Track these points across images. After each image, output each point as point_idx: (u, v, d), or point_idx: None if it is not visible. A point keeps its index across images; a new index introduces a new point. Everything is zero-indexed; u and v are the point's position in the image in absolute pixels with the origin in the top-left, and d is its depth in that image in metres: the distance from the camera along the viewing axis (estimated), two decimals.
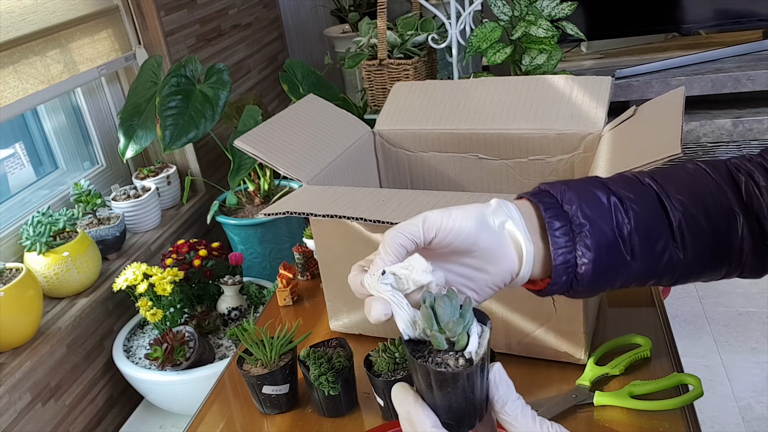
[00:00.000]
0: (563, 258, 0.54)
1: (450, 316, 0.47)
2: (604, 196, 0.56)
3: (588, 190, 0.56)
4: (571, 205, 0.55)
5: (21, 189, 1.85)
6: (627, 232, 0.55)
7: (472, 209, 0.53)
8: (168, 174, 2.07)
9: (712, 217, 0.57)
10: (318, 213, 0.79)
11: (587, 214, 0.54)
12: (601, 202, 0.55)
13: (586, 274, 0.54)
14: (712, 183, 0.58)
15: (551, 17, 1.89)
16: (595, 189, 0.56)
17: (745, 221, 0.58)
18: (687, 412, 0.73)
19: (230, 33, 2.50)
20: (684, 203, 0.57)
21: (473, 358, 0.46)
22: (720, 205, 0.57)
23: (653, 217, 0.56)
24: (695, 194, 0.57)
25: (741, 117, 2.13)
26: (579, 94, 0.99)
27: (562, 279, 0.55)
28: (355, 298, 0.94)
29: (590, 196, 0.55)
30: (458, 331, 0.47)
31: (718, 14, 2.35)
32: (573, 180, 0.58)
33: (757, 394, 1.73)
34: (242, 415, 0.86)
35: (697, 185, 0.58)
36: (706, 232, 0.57)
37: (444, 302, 0.48)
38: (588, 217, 0.54)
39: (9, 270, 1.47)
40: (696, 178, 0.59)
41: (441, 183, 1.10)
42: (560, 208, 0.55)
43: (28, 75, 1.64)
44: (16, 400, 1.41)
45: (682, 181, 0.58)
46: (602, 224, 0.54)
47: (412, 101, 1.10)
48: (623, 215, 0.55)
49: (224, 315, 1.69)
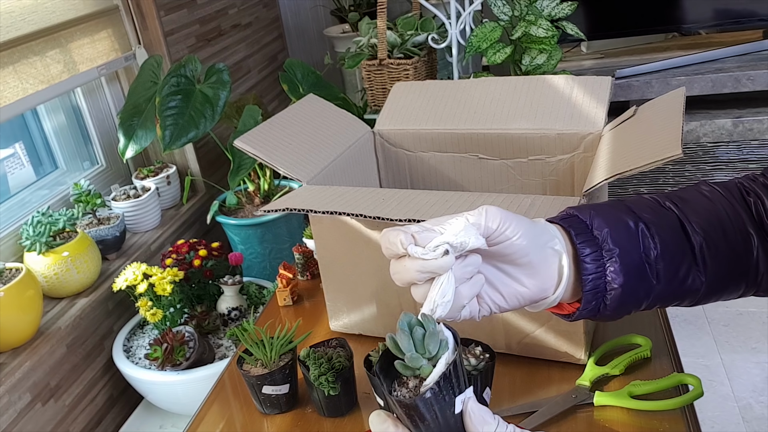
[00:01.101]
0: (593, 284, 0.55)
1: (410, 349, 0.48)
2: (632, 222, 0.56)
3: (616, 215, 0.57)
4: (601, 230, 0.55)
5: (21, 189, 1.85)
6: (654, 257, 0.56)
7: (525, 219, 0.53)
8: (168, 174, 2.07)
9: (731, 240, 0.58)
10: (317, 210, 0.79)
11: (617, 240, 0.55)
12: (629, 227, 0.56)
13: (614, 299, 0.55)
14: (728, 206, 0.60)
15: (551, 17, 1.89)
16: (622, 214, 0.57)
17: (760, 242, 0.59)
18: (687, 412, 0.73)
19: (230, 33, 2.50)
20: (704, 227, 0.58)
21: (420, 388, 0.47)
22: (737, 227, 0.59)
23: (676, 241, 0.57)
24: (714, 218, 0.59)
25: (741, 117, 2.13)
26: (579, 94, 0.99)
27: (591, 304, 0.56)
28: (355, 299, 0.94)
29: (618, 222, 0.56)
30: (420, 363, 0.47)
31: (718, 14, 2.35)
32: (598, 204, 0.59)
33: (757, 394, 1.73)
34: (242, 415, 0.86)
35: (714, 209, 0.59)
36: (725, 254, 0.58)
37: (403, 336, 0.48)
38: (618, 243, 0.55)
39: (9, 270, 1.47)
40: (713, 201, 0.60)
41: (441, 183, 1.10)
42: (590, 233, 0.56)
43: (28, 75, 1.64)
44: (16, 400, 1.41)
45: (700, 205, 0.59)
46: (631, 249, 0.55)
47: (412, 101, 1.10)
48: (650, 240, 0.56)
49: (224, 315, 1.69)
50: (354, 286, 0.92)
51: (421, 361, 0.47)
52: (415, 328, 0.48)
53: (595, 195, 0.81)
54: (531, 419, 0.74)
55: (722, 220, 0.59)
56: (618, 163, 0.74)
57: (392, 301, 0.90)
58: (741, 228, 0.59)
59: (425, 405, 0.46)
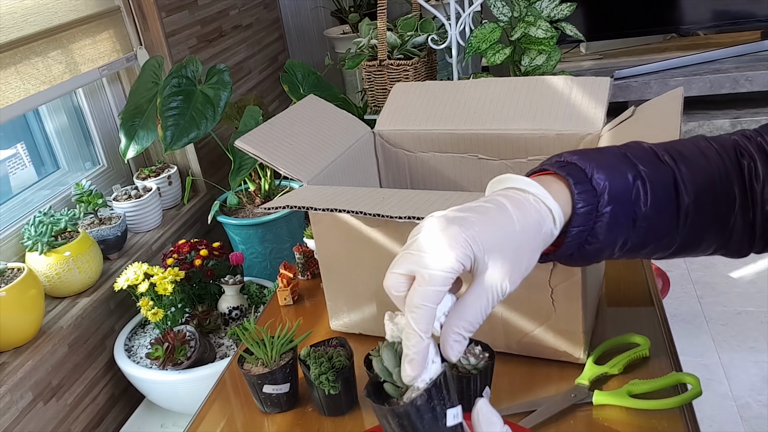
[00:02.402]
0: (577, 237, 0.54)
1: (394, 365, 0.48)
2: (631, 175, 0.55)
3: (616, 165, 0.55)
4: (601, 181, 0.54)
5: (23, 189, 1.86)
6: (641, 214, 0.55)
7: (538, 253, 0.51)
8: (169, 174, 2.08)
9: (717, 203, 0.57)
10: (318, 207, 0.79)
11: (613, 195, 0.54)
12: (627, 181, 0.55)
13: (592, 251, 0.55)
14: (722, 166, 0.58)
15: (550, 18, 1.90)
16: (623, 165, 0.56)
17: (741, 207, 0.58)
18: (686, 411, 0.73)
19: (231, 34, 2.51)
20: (696, 190, 0.57)
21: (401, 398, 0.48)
22: (725, 190, 0.58)
23: (665, 200, 0.56)
24: (707, 180, 0.57)
25: (739, 117, 2.14)
26: (578, 94, 1.00)
27: (566, 252, 0.55)
28: (356, 298, 0.95)
29: (619, 174, 0.55)
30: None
31: (717, 15, 2.35)
32: (597, 151, 0.57)
33: (756, 393, 1.74)
34: (243, 414, 0.86)
35: (709, 170, 0.58)
36: (708, 217, 0.57)
37: (387, 352, 0.49)
38: (613, 199, 0.54)
39: (11, 270, 1.47)
40: (708, 159, 0.58)
41: (441, 183, 1.11)
42: (589, 183, 0.54)
43: (30, 75, 1.65)
44: (17, 399, 1.42)
45: (697, 164, 0.58)
46: (623, 204, 0.54)
47: (412, 102, 1.11)
48: (642, 196, 0.55)
49: (225, 314, 1.69)
50: (354, 286, 0.93)
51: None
52: (397, 345, 0.49)
53: None
54: (530, 418, 0.75)
55: (713, 183, 0.57)
56: None
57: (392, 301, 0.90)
58: (728, 190, 0.58)
59: (416, 412, 0.46)
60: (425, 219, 0.51)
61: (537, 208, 0.52)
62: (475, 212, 0.50)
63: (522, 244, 0.50)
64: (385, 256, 0.87)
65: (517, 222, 0.50)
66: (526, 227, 0.51)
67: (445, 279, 0.47)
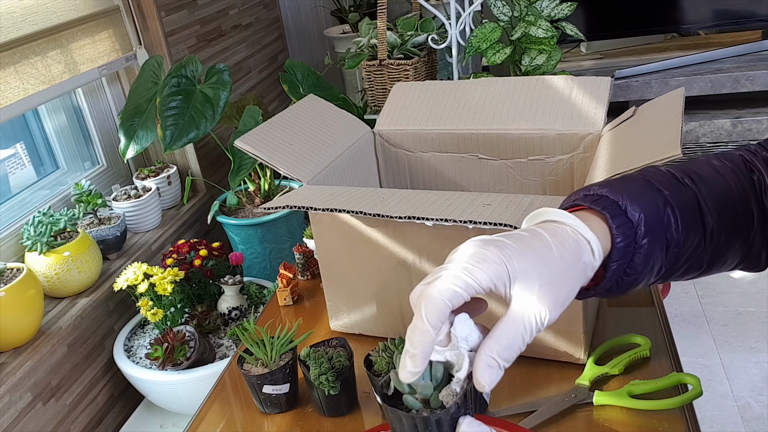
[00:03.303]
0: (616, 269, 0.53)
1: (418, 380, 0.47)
2: (661, 203, 0.55)
3: (645, 194, 0.55)
4: (636, 213, 0.53)
5: (22, 189, 1.86)
6: (674, 240, 0.55)
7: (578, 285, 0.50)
8: (168, 174, 2.08)
9: (738, 219, 0.58)
10: (318, 207, 0.79)
11: (649, 226, 0.53)
12: (658, 210, 0.54)
13: (629, 283, 0.54)
14: (737, 183, 0.59)
15: (551, 18, 1.90)
16: (652, 193, 0.55)
17: (759, 220, 0.58)
18: (686, 412, 0.73)
19: (231, 33, 2.51)
20: (717, 209, 0.57)
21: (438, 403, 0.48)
22: (743, 206, 0.58)
23: (693, 223, 0.56)
24: (726, 198, 0.57)
25: (740, 117, 2.14)
26: (578, 94, 1.00)
27: (606, 287, 0.54)
28: (356, 298, 0.95)
29: (651, 204, 0.54)
30: (429, 393, 0.48)
31: (718, 15, 2.35)
32: (625, 182, 0.57)
33: (756, 394, 1.74)
34: (242, 414, 0.86)
35: (727, 187, 0.58)
36: (731, 233, 0.58)
37: None
38: (649, 231, 0.53)
39: (10, 270, 1.47)
40: (725, 177, 0.59)
41: (441, 183, 1.10)
42: (625, 216, 0.53)
43: (29, 75, 1.65)
44: (16, 399, 1.42)
45: (715, 183, 0.58)
46: (658, 235, 0.54)
47: (412, 101, 1.11)
48: (674, 224, 0.54)
49: (225, 315, 1.69)
50: (354, 286, 0.92)
51: (432, 389, 0.48)
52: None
53: None
54: (530, 419, 0.75)
55: (733, 200, 0.57)
56: (617, 164, 0.74)
57: (392, 301, 0.90)
58: (747, 208, 0.58)
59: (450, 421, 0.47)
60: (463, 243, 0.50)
61: (575, 238, 0.50)
62: (511, 238, 0.49)
63: (560, 271, 0.49)
64: (385, 256, 0.87)
65: (555, 249, 0.49)
66: (565, 255, 0.49)
67: (468, 284, 0.45)
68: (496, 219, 0.68)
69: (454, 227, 0.78)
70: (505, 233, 0.50)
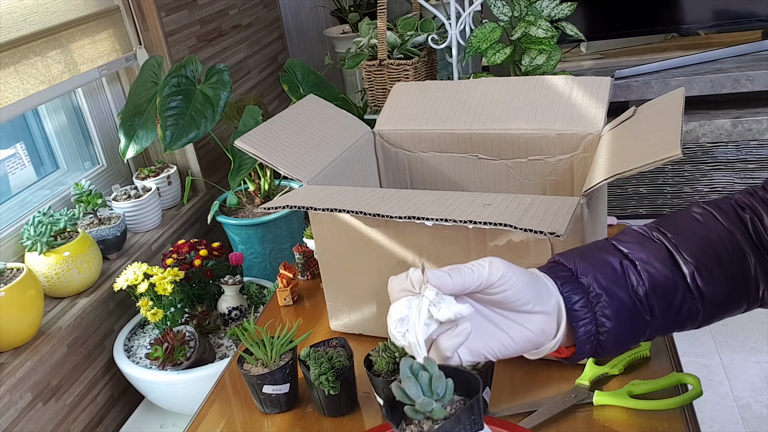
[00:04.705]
0: (585, 330, 0.56)
1: (418, 395, 0.49)
2: (617, 261, 0.57)
3: (601, 257, 0.58)
4: (587, 275, 0.56)
5: (22, 189, 1.86)
6: (643, 293, 0.56)
7: (525, 272, 0.55)
8: (168, 174, 2.08)
9: (725, 264, 0.58)
10: (318, 207, 0.79)
11: (602, 284, 0.56)
12: (614, 269, 0.57)
13: (609, 341, 0.56)
14: (721, 228, 0.60)
15: (551, 18, 1.90)
16: (607, 255, 0.58)
17: (757, 260, 0.59)
18: (686, 412, 0.73)
19: (231, 33, 2.51)
20: (696, 255, 0.58)
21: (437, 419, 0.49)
22: (731, 249, 0.59)
23: (666, 274, 0.57)
24: (706, 243, 0.59)
25: (740, 117, 2.13)
26: (578, 94, 1.00)
27: (586, 348, 0.57)
28: (356, 298, 0.95)
29: (603, 264, 0.57)
30: (431, 407, 0.49)
31: (717, 15, 2.35)
32: (585, 247, 0.60)
33: (756, 394, 1.74)
34: (242, 414, 0.86)
35: (706, 234, 0.59)
36: (721, 278, 0.58)
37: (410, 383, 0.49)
38: (603, 287, 0.56)
39: (10, 270, 1.47)
40: (705, 225, 0.60)
41: (441, 183, 1.10)
42: (576, 281, 0.56)
43: (29, 75, 1.65)
44: (17, 399, 1.42)
45: (691, 230, 0.60)
46: (618, 291, 0.56)
47: (412, 101, 1.11)
48: (637, 277, 0.57)
49: (225, 315, 1.69)
50: (354, 286, 0.92)
51: (432, 404, 0.48)
52: (420, 373, 0.49)
53: (594, 195, 0.81)
54: (530, 419, 0.75)
55: (715, 245, 0.59)
56: (617, 164, 0.74)
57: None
58: (736, 249, 0.59)
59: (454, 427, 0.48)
60: None
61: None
62: None
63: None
64: (385, 256, 0.87)
65: None
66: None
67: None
68: (496, 219, 0.68)
69: (454, 227, 0.78)
70: None
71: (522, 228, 0.66)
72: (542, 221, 0.67)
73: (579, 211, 0.73)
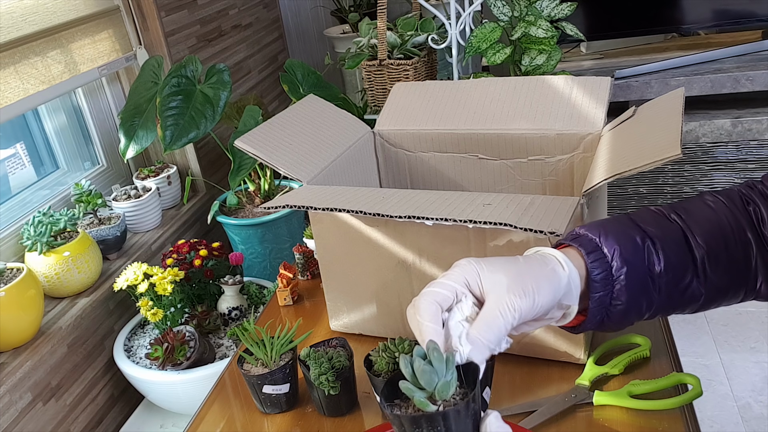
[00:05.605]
0: (599, 300, 0.57)
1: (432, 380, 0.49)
2: (639, 237, 0.59)
3: (624, 231, 0.59)
4: (611, 248, 0.58)
5: (22, 189, 1.86)
6: (658, 272, 0.58)
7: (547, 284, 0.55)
8: (168, 174, 2.08)
9: (731, 250, 0.60)
10: (318, 206, 0.79)
11: (625, 257, 0.57)
12: (636, 244, 0.58)
13: (618, 313, 0.58)
14: (730, 215, 0.62)
15: (551, 18, 1.90)
16: (630, 230, 0.59)
17: (758, 250, 0.61)
18: (686, 412, 0.73)
19: (231, 33, 2.51)
20: (707, 239, 0.60)
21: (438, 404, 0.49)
22: (738, 237, 0.61)
23: (679, 255, 0.59)
24: (716, 229, 0.61)
25: (740, 117, 2.13)
26: (578, 94, 1.00)
27: (597, 318, 0.58)
28: (356, 298, 0.95)
29: (627, 238, 0.58)
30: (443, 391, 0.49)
31: (718, 15, 2.35)
32: (606, 221, 0.61)
33: (756, 394, 1.74)
34: (242, 414, 0.86)
35: (718, 220, 0.61)
36: (726, 264, 0.60)
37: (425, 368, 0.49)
38: (626, 261, 0.57)
39: (10, 270, 1.47)
40: (716, 212, 0.62)
41: (441, 183, 1.10)
42: (600, 251, 0.58)
43: (29, 75, 1.65)
44: (16, 399, 1.42)
45: (704, 216, 0.62)
46: (638, 266, 0.58)
47: (412, 101, 1.11)
48: (655, 256, 0.58)
49: (225, 315, 1.69)
50: (354, 286, 0.92)
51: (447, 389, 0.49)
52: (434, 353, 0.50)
53: (594, 195, 0.81)
54: (530, 419, 0.75)
55: (724, 231, 0.61)
56: (617, 164, 0.74)
57: (392, 301, 0.90)
58: (742, 237, 0.61)
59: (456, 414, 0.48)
60: None
61: (541, 254, 0.58)
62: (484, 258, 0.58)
63: (525, 268, 0.55)
64: (385, 256, 0.87)
65: (520, 258, 0.57)
66: (529, 261, 0.57)
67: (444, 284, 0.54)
68: (496, 219, 0.68)
69: (454, 227, 0.78)
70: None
71: (522, 227, 0.66)
72: (542, 221, 0.67)
73: (579, 210, 0.73)
